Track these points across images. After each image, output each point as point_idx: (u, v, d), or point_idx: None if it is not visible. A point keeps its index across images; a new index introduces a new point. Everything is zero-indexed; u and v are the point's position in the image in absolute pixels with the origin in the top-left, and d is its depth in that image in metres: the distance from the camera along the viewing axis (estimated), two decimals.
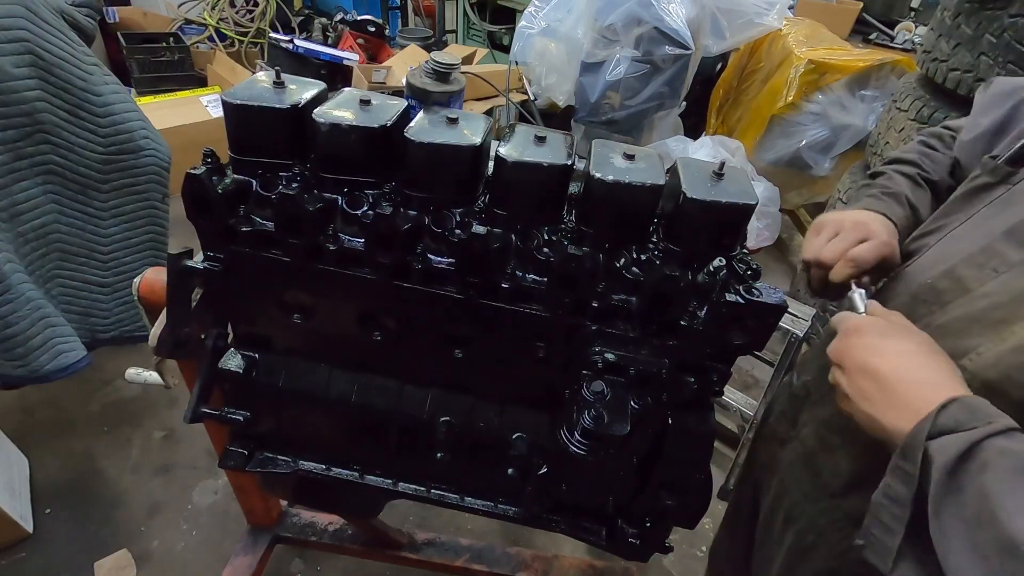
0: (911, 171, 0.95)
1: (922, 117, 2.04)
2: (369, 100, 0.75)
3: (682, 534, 1.90)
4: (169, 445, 2.06)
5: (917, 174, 0.94)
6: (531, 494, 0.91)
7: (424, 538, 1.62)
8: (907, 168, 0.95)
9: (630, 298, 0.74)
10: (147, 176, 1.69)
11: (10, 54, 1.36)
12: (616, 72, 3.01)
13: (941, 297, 0.72)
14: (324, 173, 0.74)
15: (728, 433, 2.18)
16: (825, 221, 0.87)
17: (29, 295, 1.47)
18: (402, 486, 1.00)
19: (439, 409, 0.90)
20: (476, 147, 0.71)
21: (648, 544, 0.95)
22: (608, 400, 0.73)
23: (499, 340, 0.81)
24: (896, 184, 0.93)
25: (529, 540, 1.87)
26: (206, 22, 4.46)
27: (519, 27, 3.34)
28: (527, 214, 0.74)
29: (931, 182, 0.94)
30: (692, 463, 0.85)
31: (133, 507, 1.86)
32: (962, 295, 0.70)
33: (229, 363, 0.90)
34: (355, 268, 0.77)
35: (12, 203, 1.47)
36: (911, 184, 0.93)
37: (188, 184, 0.72)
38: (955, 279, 0.71)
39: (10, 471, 1.78)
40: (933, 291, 0.74)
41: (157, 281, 0.96)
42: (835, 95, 3.02)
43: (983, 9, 1.82)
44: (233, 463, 0.98)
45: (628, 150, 0.74)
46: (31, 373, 1.51)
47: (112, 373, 2.22)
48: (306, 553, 1.78)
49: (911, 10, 4.85)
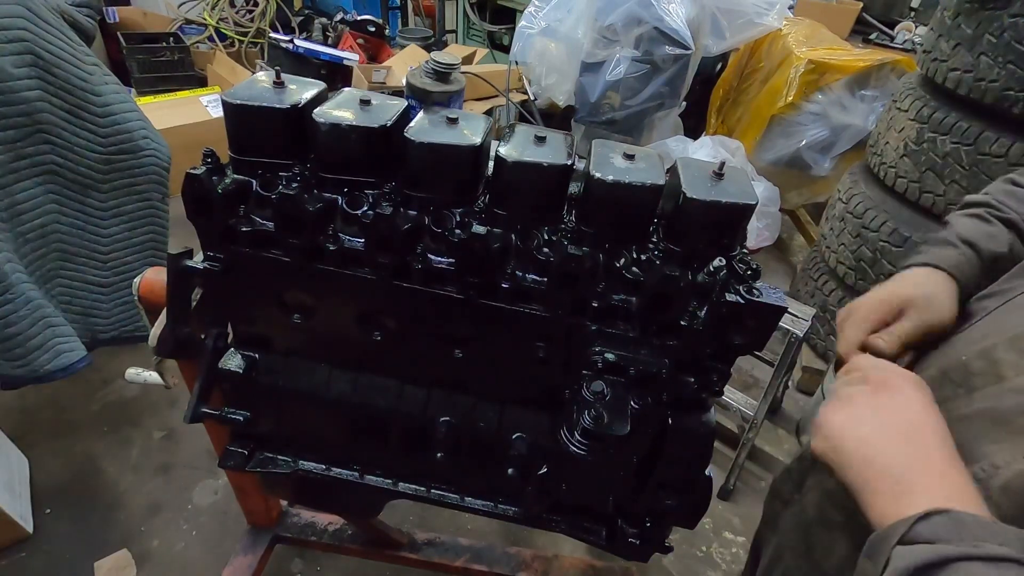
0: (977, 211, 0.80)
1: (922, 117, 2.04)
2: (369, 100, 0.75)
3: (682, 534, 1.90)
4: (169, 445, 2.06)
5: (986, 212, 0.79)
6: (531, 494, 0.91)
7: (424, 538, 1.62)
8: (973, 209, 0.81)
9: (630, 298, 0.74)
10: (147, 176, 1.69)
11: (10, 54, 1.36)
12: (616, 72, 3.02)
13: (970, 381, 0.61)
14: (324, 173, 0.74)
15: (728, 433, 2.18)
16: (851, 308, 0.76)
17: (29, 295, 1.47)
18: (402, 486, 1.00)
19: (439, 409, 0.90)
20: (476, 147, 0.71)
21: (648, 544, 0.95)
22: (608, 400, 0.73)
23: (499, 340, 0.81)
24: (952, 228, 0.79)
25: (529, 540, 1.87)
26: (206, 22, 4.46)
27: (519, 27, 3.34)
28: (527, 214, 0.74)
29: (1008, 221, 0.77)
30: (692, 463, 0.85)
31: (133, 507, 1.86)
32: (994, 383, 0.59)
33: (229, 363, 0.90)
34: (355, 268, 0.77)
35: (12, 203, 1.47)
36: (976, 223, 0.78)
37: (188, 184, 0.72)
38: (991, 361, 0.60)
39: (10, 471, 1.78)
40: (964, 372, 0.62)
41: (157, 281, 0.96)
42: (835, 95, 3.02)
43: (983, 9, 1.82)
44: (233, 463, 0.98)
45: (628, 150, 0.74)
46: (31, 373, 1.51)
47: (112, 373, 2.22)
48: (306, 553, 1.78)
49: (911, 10, 4.85)
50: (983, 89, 1.83)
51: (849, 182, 2.42)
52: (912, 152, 2.08)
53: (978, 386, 0.60)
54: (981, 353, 0.62)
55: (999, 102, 1.80)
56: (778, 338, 1.66)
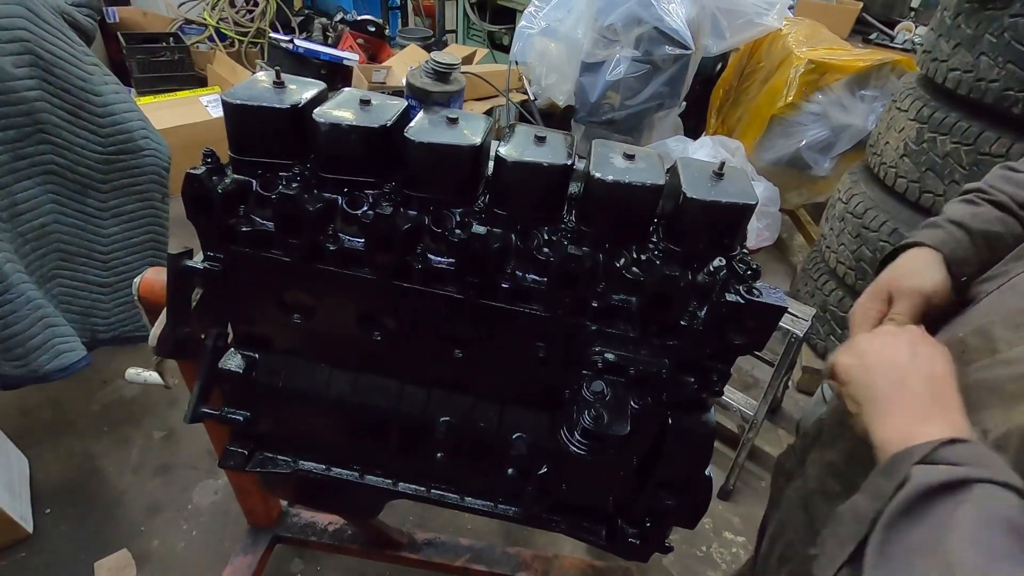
0: (968, 196, 0.82)
1: (922, 117, 2.04)
2: (369, 100, 0.75)
3: (682, 534, 1.90)
4: (169, 445, 2.06)
5: (976, 196, 0.81)
6: (531, 494, 0.91)
7: (424, 538, 1.62)
8: (966, 195, 0.83)
9: (630, 298, 0.74)
10: (147, 176, 1.69)
11: (10, 54, 1.36)
12: (616, 72, 3.01)
13: (967, 356, 0.64)
14: (324, 173, 0.74)
15: (728, 433, 2.18)
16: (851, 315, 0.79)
17: (29, 295, 1.47)
18: (402, 486, 1.00)
19: (439, 409, 0.90)
20: (476, 147, 0.71)
21: (648, 544, 0.95)
22: (608, 400, 0.73)
23: (499, 340, 0.81)
24: (943, 213, 0.81)
25: (529, 540, 1.87)
26: (206, 22, 4.45)
27: (519, 27, 3.34)
28: (527, 214, 0.74)
29: (998, 203, 0.79)
30: (692, 463, 0.85)
31: (133, 507, 1.86)
32: (988, 356, 0.62)
33: (229, 363, 0.90)
34: (355, 268, 0.77)
35: (12, 203, 1.47)
36: (964, 205, 0.81)
37: (188, 184, 0.72)
38: (987, 337, 0.63)
39: (10, 471, 1.78)
40: (961, 347, 0.65)
41: (157, 281, 0.96)
42: (835, 95, 3.02)
43: (983, 9, 1.82)
44: (233, 463, 0.98)
45: (628, 150, 0.74)
46: (31, 373, 1.51)
47: (112, 373, 2.22)
48: (306, 553, 1.78)
49: (911, 10, 4.84)
50: (983, 89, 1.83)
51: (849, 182, 2.42)
52: (912, 152, 2.08)
53: (973, 360, 0.63)
54: (978, 330, 0.65)
55: (999, 102, 1.80)
56: (778, 338, 1.66)
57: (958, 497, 0.47)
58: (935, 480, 0.48)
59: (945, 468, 0.49)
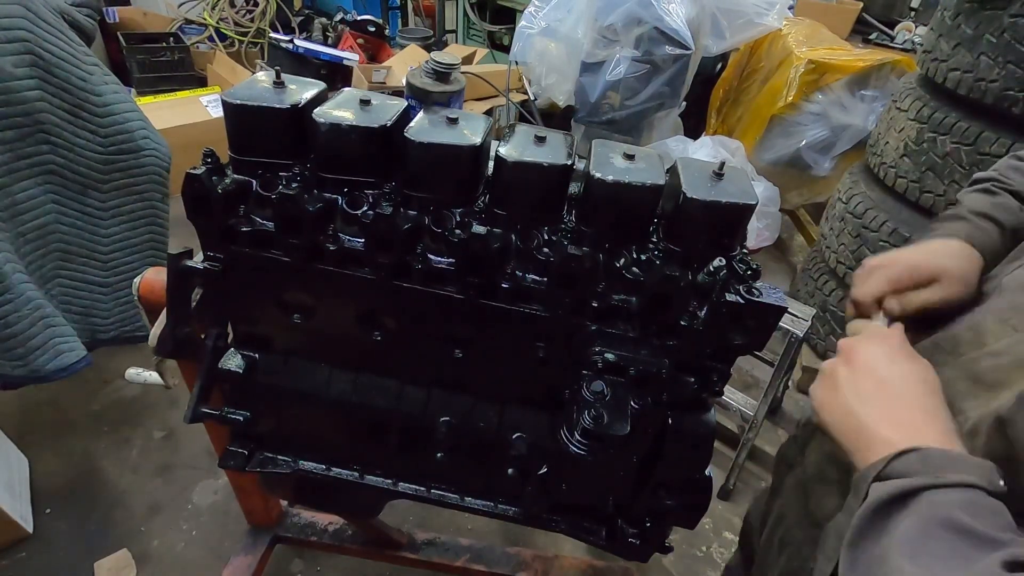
0: (984, 185, 0.82)
1: (922, 117, 2.04)
2: (369, 100, 0.75)
3: (682, 534, 1.90)
4: (169, 445, 2.06)
5: (992, 185, 0.81)
6: (531, 494, 0.91)
7: (424, 538, 1.62)
8: (980, 184, 0.83)
9: (630, 298, 0.74)
10: (147, 176, 1.69)
11: (10, 54, 1.36)
12: (616, 72, 3.01)
13: (957, 348, 0.66)
14: (324, 173, 0.74)
15: (728, 433, 2.18)
16: (886, 262, 0.77)
17: (29, 295, 1.47)
18: (402, 486, 1.00)
19: (439, 409, 0.90)
20: (476, 147, 0.71)
21: (648, 544, 0.95)
22: (608, 400, 0.73)
23: (499, 340, 0.81)
24: (963, 204, 0.80)
25: (529, 540, 1.87)
26: (206, 22, 4.45)
27: (519, 27, 3.34)
28: (527, 214, 0.74)
29: (1014, 192, 0.79)
30: (692, 463, 0.85)
31: (133, 507, 1.86)
32: (976, 349, 0.64)
33: (229, 363, 0.90)
34: (355, 268, 0.77)
35: (12, 203, 1.47)
36: (983, 196, 0.80)
37: (188, 184, 0.72)
38: (978, 331, 0.65)
39: (10, 471, 1.78)
40: (954, 341, 0.67)
41: (157, 281, 0.96)
42: (835, 95, 3.02)
43: (983, 9, 1.82)
44: (233, 463, 0.98)
45: (628, 150, 0.74)
46: (31, 373, 1.51)
47: (112, 373, 2.22)
48: (306, 553, 1.78)
49: (911, 10, 4.85)
50: (983, 89, 1.83)
51: (849, 182, 2.42)
52: (912, 152, 2.08)
53: (962, 353, 0.66)
54: (971, 326, 0.67)
55: (999, 102, 1.80)
56: (778, 338, 1.66)
57: (908, 508, 0.49)
58: (884, 495, 0.51)
59: (895, 482, 0.51)
